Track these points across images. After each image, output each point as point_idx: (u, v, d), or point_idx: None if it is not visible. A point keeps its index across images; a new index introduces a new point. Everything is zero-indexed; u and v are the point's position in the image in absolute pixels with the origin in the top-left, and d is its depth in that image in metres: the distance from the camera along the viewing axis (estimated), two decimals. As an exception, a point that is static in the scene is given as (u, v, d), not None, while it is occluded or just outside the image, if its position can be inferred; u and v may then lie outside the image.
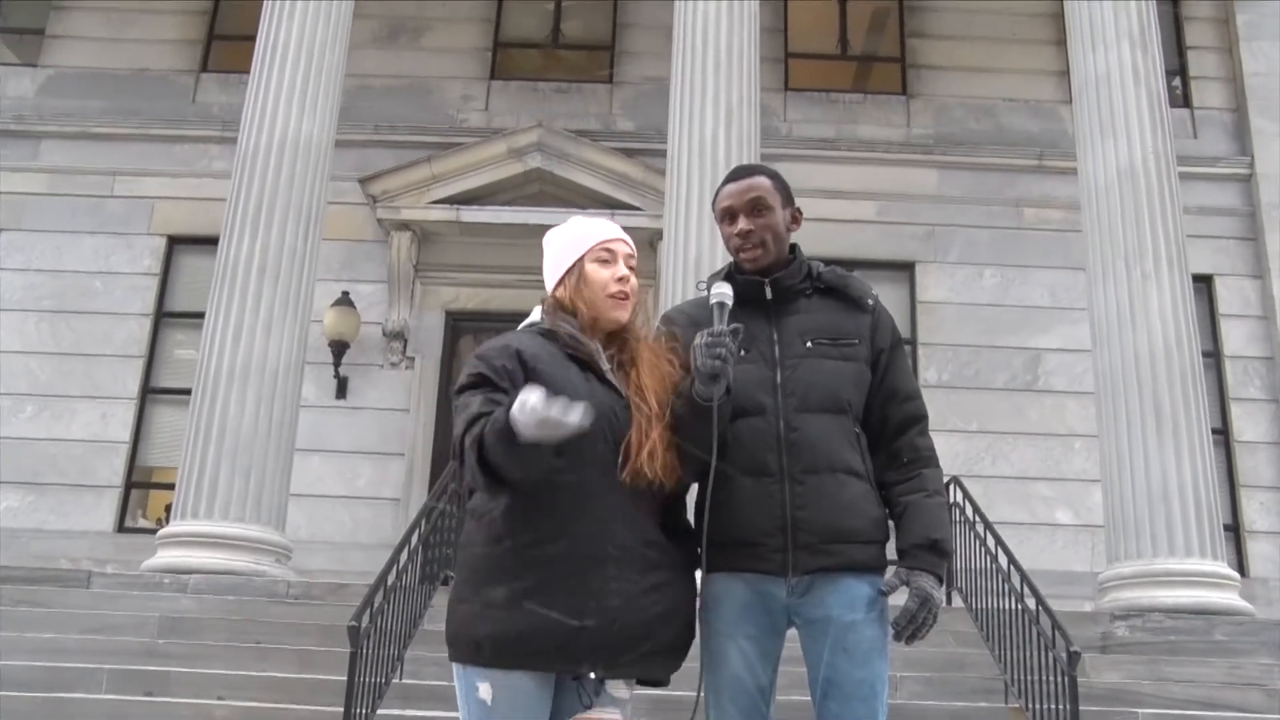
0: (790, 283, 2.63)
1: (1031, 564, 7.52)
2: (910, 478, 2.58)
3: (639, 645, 2.35)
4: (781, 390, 2.53)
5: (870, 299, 2.66)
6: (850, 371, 2.57)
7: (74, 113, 11.76)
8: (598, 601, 2.30)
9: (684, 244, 8.43)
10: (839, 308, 2.64)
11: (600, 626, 2.29)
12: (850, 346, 2.59)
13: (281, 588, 7.54)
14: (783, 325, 2.60)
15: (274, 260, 8.35)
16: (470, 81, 12.09)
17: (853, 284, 2.67)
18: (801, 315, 2.62)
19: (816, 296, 2.65)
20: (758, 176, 2.67)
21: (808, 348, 2.57)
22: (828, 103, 12.08)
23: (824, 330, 2.59)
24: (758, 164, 2.78)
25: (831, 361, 2.56)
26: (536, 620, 2.27)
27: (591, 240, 2.56)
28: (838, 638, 2.47)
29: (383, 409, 10.90)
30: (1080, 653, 5.46)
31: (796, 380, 2.54)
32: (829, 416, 2.53)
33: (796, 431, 2.50)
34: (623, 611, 2.31)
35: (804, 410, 2.52)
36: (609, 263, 2.54)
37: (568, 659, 2.29)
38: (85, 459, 10.80)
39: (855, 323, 2.62)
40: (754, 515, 2.47)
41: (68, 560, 9.69)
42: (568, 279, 2.54)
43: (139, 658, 6.24)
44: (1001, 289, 11.42)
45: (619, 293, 2.52)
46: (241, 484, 7.89)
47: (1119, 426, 7.99)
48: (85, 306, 11.22)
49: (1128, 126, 8.49)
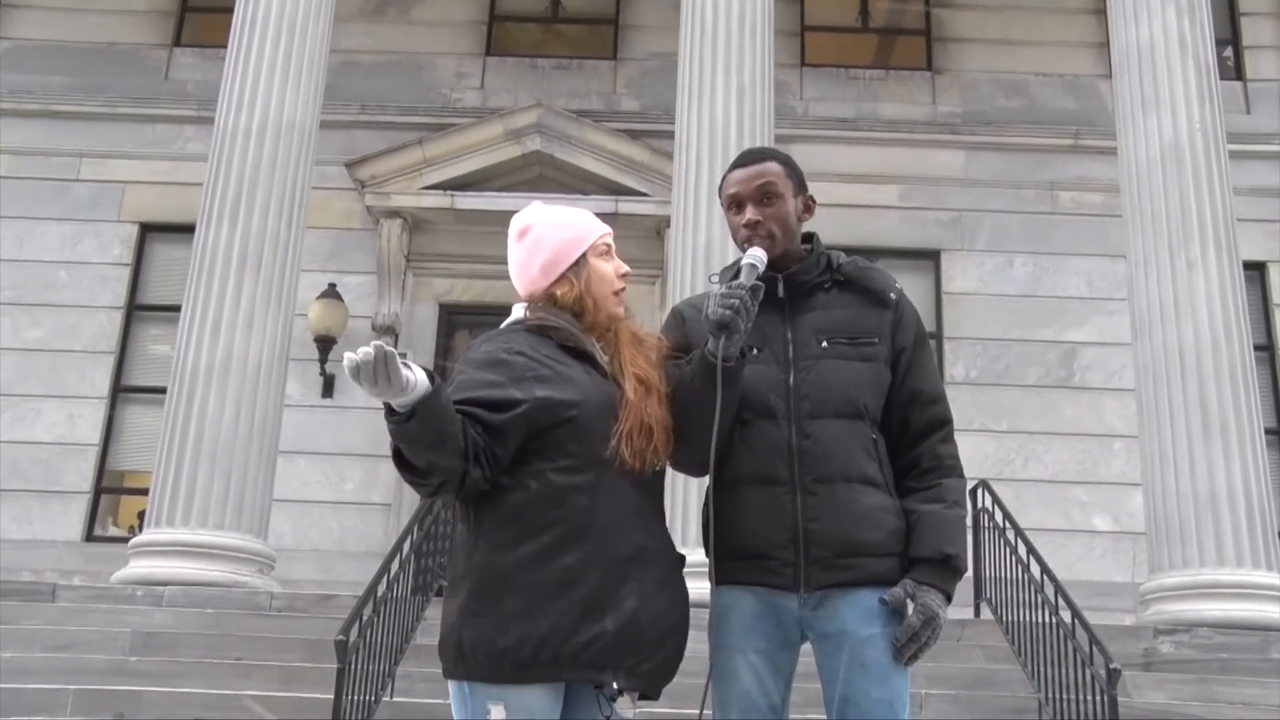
0: (806, 278, 2.61)
1: (1067, 574, 7.51)
2: (929, 486, 2.56)
3: (655, 653, 2.37)
4: (794, 393, 2.52)
5: (893, 293, 2.63)
6: (868, 373, 2.55)
7: (35, 89, 11.75)
8: (617, 604, 2.31)
9: (693, 232, 8.41)
10: (859, 302, 2.61)
11: (622, 630, 2.31)
12: (870, 346, 2.57)
13: (264, 599, 7.54)
14: (798, 323, 2.58)
15: (255, 249, 8.35)
16: (464, 58, 12.08)
17: (874, 276, 2.65)
18: (819, 312, 2.59)
19: (835, 290, 2.63)
20: (767, 162, 2.65)
21: (824, 348, 2.55)
22: (847, 79, 12.05)
23: (842, 328, 2.57)
24: (768, 148, 2.76)
25: (848, 363, 2.54)
26: (560, 625, 2.27)
27: (594, 233, 2.58)
28: (854, 653, 2.45)
29: (372, 408, 10.81)
30: (1121, 670, 5.45)
31: (810, 383, 2.52)
32: (844, 422, 2.51)
33: (809, 438, 2.48)
34: (641, 614, 2.33)
35: (817, 415, 2.50)
36: (609, 257, 2.58)
37: (591, 665, 2.30)
38: (51, 463, 10.81)
39: (876, 319, 2.59)
40: (763, 527, 2.46)
41: (31, 572, 9.67)
42: (573, 275, 2.54)
43: (108, 677, 6.23)
44: (1034, 278, 11.39)
45: (621, 289, 2.57)
46: (221, 489, 7.89)
47: (1162, 425, 7.97)
48: (50, 299, 11.22)
49: (1173, 101, 8.45)
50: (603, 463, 2.36)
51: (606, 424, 2.37)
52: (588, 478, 2.34)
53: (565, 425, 2.35)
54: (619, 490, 2.36)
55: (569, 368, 2.42)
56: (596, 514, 2.33)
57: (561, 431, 2.35)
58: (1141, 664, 6.91)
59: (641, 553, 2.37)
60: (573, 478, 2.34)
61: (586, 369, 2.44)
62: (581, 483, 2.34)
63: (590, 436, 2.35)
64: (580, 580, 2.30)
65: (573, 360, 2.44)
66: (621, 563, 2.34)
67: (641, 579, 2.36)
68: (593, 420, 2.37)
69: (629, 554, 2.35)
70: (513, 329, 2.52)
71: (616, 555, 2.34)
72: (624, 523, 2.36)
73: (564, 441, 2.35)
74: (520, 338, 2.47)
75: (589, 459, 2.35)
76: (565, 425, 2.35)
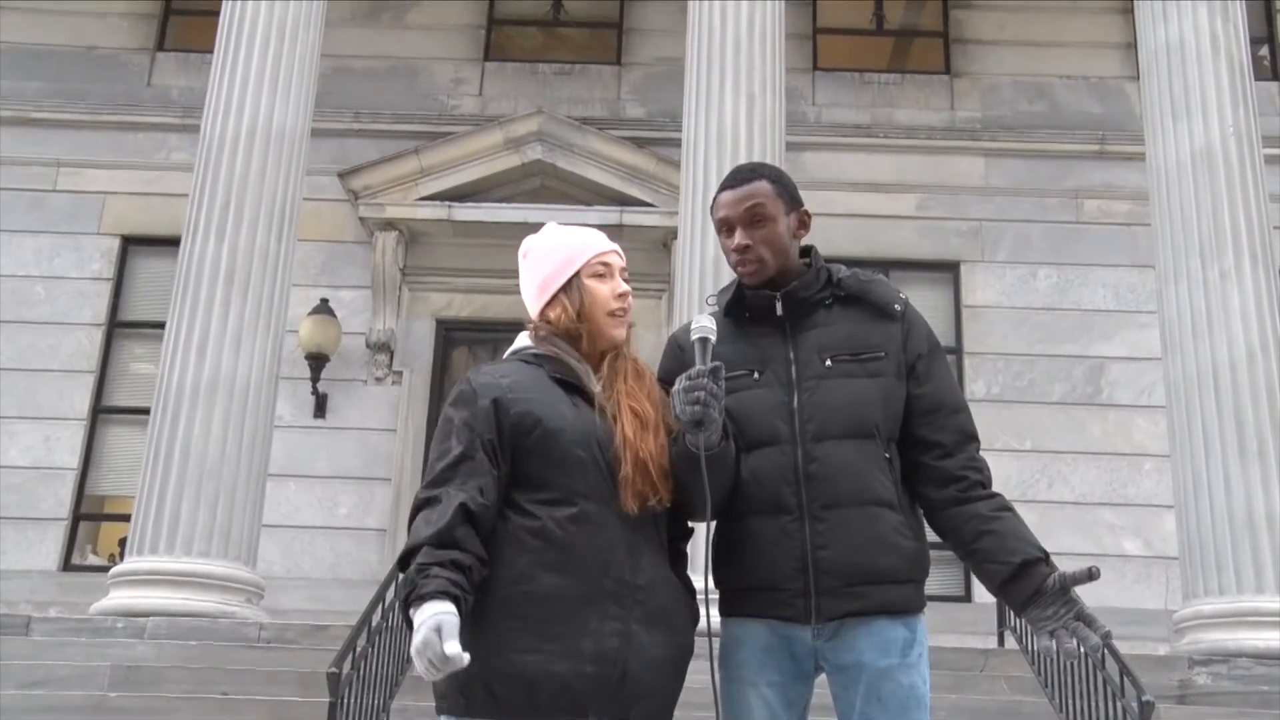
0: (805, 294, 2.62)
1: (1096, 600, 7.37)
2: (986, 495, 2.56)
3: (641, 697, 2.35)
4: (798, 416, 2.53)
5: (898, 304, 2.64)
6: (877, 390, 2.56)
7: (9, 95, 11.77)
8: (595, 643, 2.30)
9: (700, 244, 8.42)
10: (863, 317, 2.62)
11: (603, 673, 2.30)
12: (876, 361, 2.57)
13: (252, 630, 7.52)
14: (799, 342, 2.59)
15: (243, 264, 8.36)
16: (462, 63, 12.13)
17: (877, 289, 2.66)
18: (820, 329, 2.61)
19: (838, 306, 2.64)
20: (756, 181, 2.66)
21: (827, 366, 2.56)
22: (861, 84, 12.08)
23: (845, 345, 2.58)
24: (757, 165, 2.78)
25: (855, 380, 2.55)
26: (529, 665, 2.27)
27: (587, 252, 2.59)
28: (871, 686, 2.45)
29: (366, 429, 10.89)
30: (1154, 702, 5.42)
31: (815, 404, 2.53)
32: (853, 442, 2.51)
33: (816, 462, 2.49)
34: (625, 655, 2.32)
35: (824, 438, 2.51)
36: (606, 277, 2.57)
37: (570, 711, 2.29)
38: (26, 488, 10.80)
39: (882, 333, 2.60)
40: (771, 558, 2.47)
41: (4, 604, 9.63)
42: (563, 297, 2.56)
43: (87, 714, 6.19)
44: (1058, 291, 11.39)
45: (619, 310, 2.56)
46: (207, 514, 7.87)
47: (1195, 445, 7.94)
48: (25, 315, 11.23)
49: (1204, 103, 8.44)
50: (584, 495, 2.36)
51: (588, 456, 2.38)
52: (568, 511, 2.35)
53: (537, 443, 2.37)
54: (602, 524, 2.36)
55: (551, 397, 2.43)
56: (574, 548, 2.33)
57: (538, 458, 2.37)
58: (1176, 696, 6.88)
59: (626, 589, 2.35)
60: (551, 510, 2.35)
61: (574, 401, 2.45)
62: (561, 516, 2.35)
63: (568, 466, 2.37)
64: (552, 617, 2.30)
65: (561, 391, 2.45)
66: (602, 599, 2.32)
67: (625, 617, 2.34)
68: (568, 450, 2.38)
69: (611, 590, 2.33)
70: (514, 358, 2.55)
71: (596, 591, 2.32)
72: (606, 557, 2.35)
73: (543, 472, 2.37)
74: (508, 364, 2.52)
75: (569, 491, 2.36)
76: (537, 443, 2.37)
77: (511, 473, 2.39)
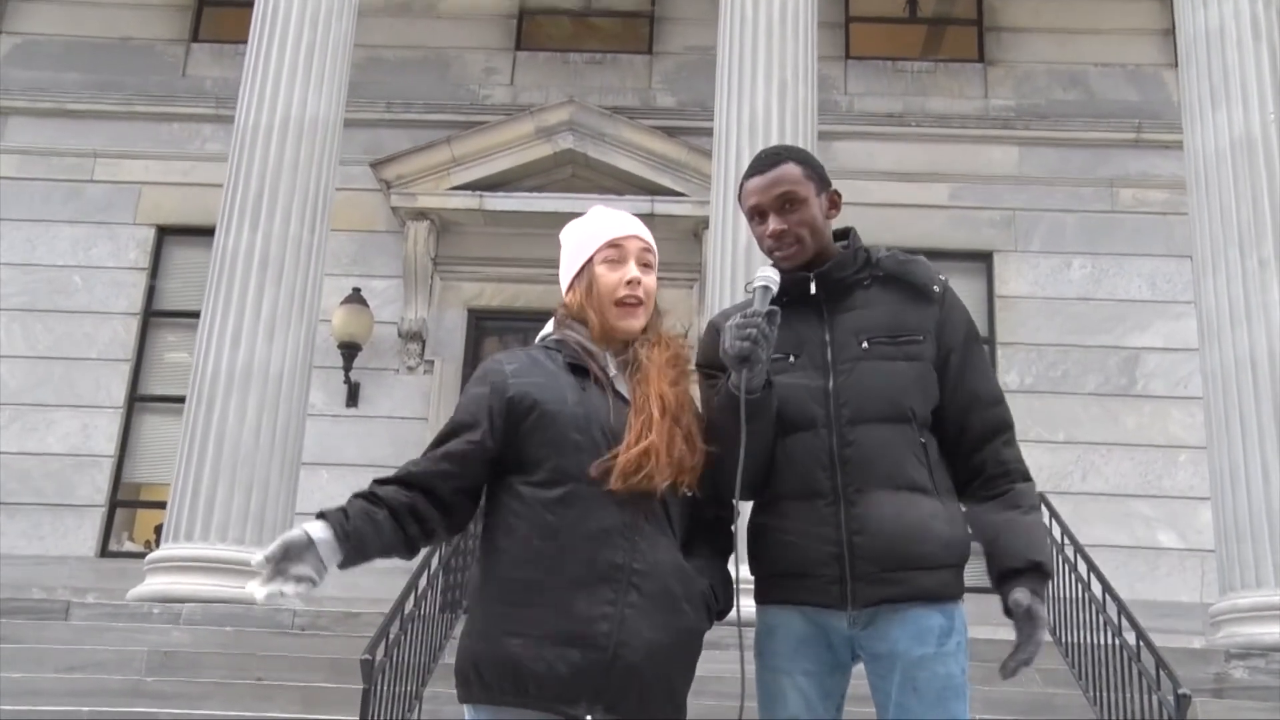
0: (841, 275, 2.59)
1: (1130, 593, 7.41)
2: (1001, 493, 2.54)
3: (636, 686, 2.29)
4: (834, 399, 2.49)
5: (937, 285, 2.60)
6: (913, 373, 2.52)
7: (47, 86, 11.87)
8: (584, 627, 2.26)
9: (732, 233, 8.40)
10: (901, 298, 2.58)
11: (592, 659, 2.26)
12: (914, 344, 2.54)
13: (286, 617, 7.55)
14: (836, 324, 2.56)
15: (276, 253, 8.40)
16: (493, 53, 12.13)
17: (916, 269, 2.62)
18: (858, 311, 2.57)
19: (876, 287, 2.60)
20: (784, 165, 2.62)
21: (864, 349, 2.52)
22: (894, 72, 12.01)
23: (883, 327, 2.54)
24: (783, 147, 2.74)
25: (892, 363, 2.51)
26: (515, 650, 2.26)
27: (600, 238, 2.55)
28: (906, 675, 2.42)
29: (398, 418, 10.93)
30: (1190, 695, 5.38)
31: (850, 387, 2.49)
32: (889, 426, 2.48)
33: (851, 445, 2.46)
34: (616, 641, 2.27)
35: (860, 421, 2.47)
36: (617, 264, 2.53)
37: (559, 698, 2.26)
38: (64, 475, 10.91)
39: (920, 315, 2.56)
40: (805, 543, 2.44)
41: (42, 589, 9.73)
42: (577, 283, 2.55)
43: (124, 698, 6.25)
44: (1093, 281, 11.30)
45: (628, 298, 2.50)
46: (241, 501, 7.93)
47: (1232, 436, 7.86)
48: (63, 305, 11.33)
49: (1244, 90, 8.33)
50: (575, 478, 2.33)
51: (585, 439, 2.34)
52: (559, 492, 2.33)
53: (533, 424, 2.36)
54: (597, 507, 2.32)
55: (558, 381, 2.42)
56: (561, 531, 2.31)
57: (534, 437, 2.36)
58: (1212, 689, 6.81)
59: (620, 572, 2.30)
60: (542, 492, 2.34)
61: (583, 384, 2.42)
62: (549, 498, 2.33)
63: (563, 448, 2.34)
64: (538, 601, 2.28)
65: (570, 376, 2.43)
66: (592, 582, 2.29)
67: (617, 601, 2.29)
68: (564, 432, 2.35)
69: (602, 574, 2.29)
70: (540, 344, 2.56)
71: (586, 574, 2.29)
72: (598, 540, 2.30)
73: (538, 453, 2.36)
74: (524, 352, 2.52)
75: (562, 472, 2.33)
76: (533, 424, 2.36)
77: (512, 457, 2.38)
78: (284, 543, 2.31)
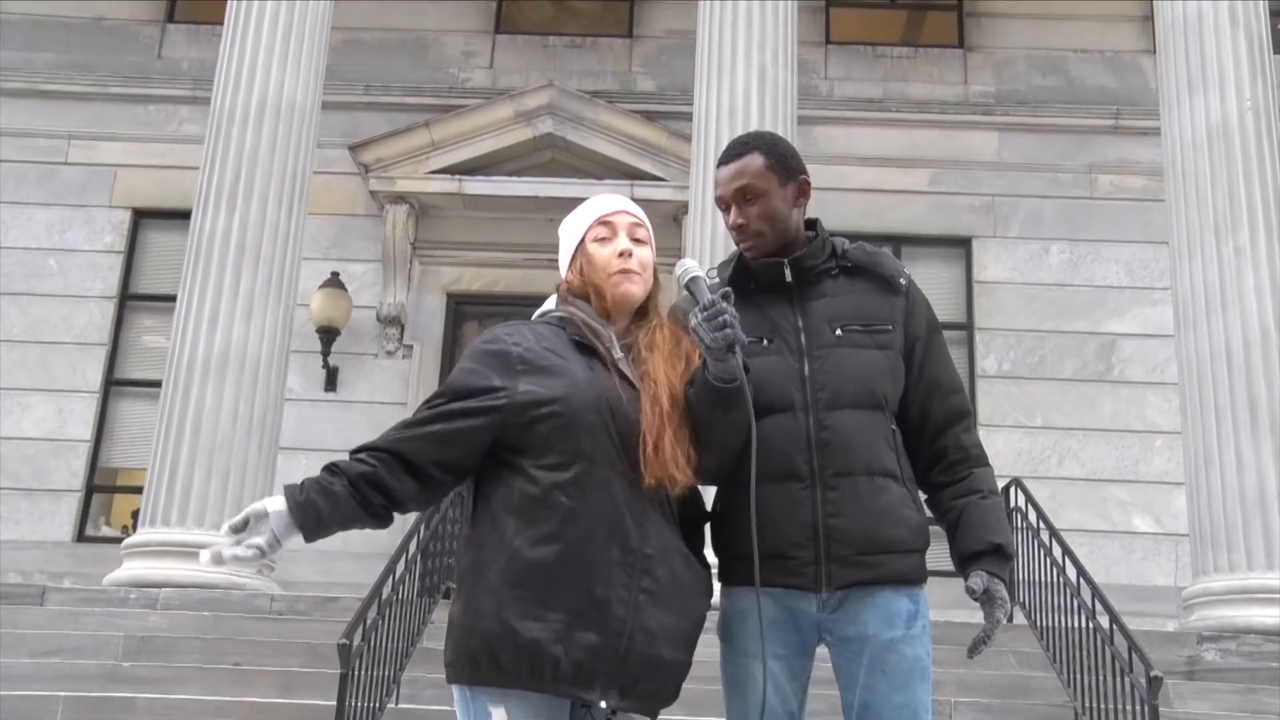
0: (812, 263, 2.63)
1: (1105, 577, 7.49)
2: (961, 478, 2.59)
3: (649, 669, 2.32)
4: (810, 384, 2.53)
5: (903, 278, 2.66)
6: (885, 362, 2.57)
7: (19, 66, 11.75)
8: (601, 612, 2.28)
9: (712, 218, 8.40)
10: (869, 289, 2.63)
11: (608, 642, 2.27)
12: (885, 333, 2.59)
13: (263, 602, 7.57)
14: (808, 311, 2.60)
15: (254, 237, 8.37)
16: (473, 35, 12.09)
17: (884, 261, 2.68)
18: (828, 299, 2.61)
19: (844, 277, 2.65)
20: (747, 156, 2.64)
21: (837, 336, 2.56)
22: (874, 57, 12.02)
23: (854, 315, 2.59)
24: (752, 135, 2.75)
25: (865, 351, 2.56)
26: (534, 634, 2.26)
27: (589, 217, 2.60)
28: (875, 658, 2.46)
29: (377, 402, 10.91)
30: (1162, 678, 5.43)
31: (826, 372, 2.53)
32: (864, 413, 2.52)
33: (828, 430, 2.49)
34: (631, 625, 2.29)
35: (836, 406, 2.51)
36: (607, 239, 2.57)
37: (574, 681, 2.27)
38: (39, 460, 10.86)
39: (888, 306, 2.62)
40: (782, 524, 2.45)
41: (19, 574, 9.72)
42: (574, 263, 2.59)
43: (101, 683, 6.25)
44: (1071, 267, 11.35)
45: (622, 269, 2.53)
46: (218, 487, 7.92)
47: (1207, 422, 7.92)
48: (37, 288, 11.26)
49: (1221, 77, 8.38)
50: (589, 459, 2.33)
51: (598, 419, 2.35)
52: (572, 474, 2.33)
53: (546, 421, 2.35)
54: (607, 489, 2.33)
55: (567, 360, 2.42)
56: (579, 514, 2.31)
57: (544, 427, 2.35)
58: (1184, 672, 6.89)
59: (634, 556, 2.32)
60: (556, 475, 2.33)
61: (590, 363, 2.43)
62: (565, 480, 2.32)
63: (576, 431, 2.34)
64: (555, 584, 2.28)
65: (577, 354, 2.44)
66: (607, 566, 2.29)
67: (631, 586, 2.30)
68: (577, 415, 2.35)
69: (617, 558, 2.30)
70: (541, 319, 2.56)
71: (602, 559, 2.29)
72: (612, 523, 2.31)
73: (548, 437, 2.35)
74: (529, 328, 2.52)
75: (574, 454, 2.33)
76: (546, 421, 2.35)
77: (518, 437, 2.37)
78: (246, 514, 2.34)
